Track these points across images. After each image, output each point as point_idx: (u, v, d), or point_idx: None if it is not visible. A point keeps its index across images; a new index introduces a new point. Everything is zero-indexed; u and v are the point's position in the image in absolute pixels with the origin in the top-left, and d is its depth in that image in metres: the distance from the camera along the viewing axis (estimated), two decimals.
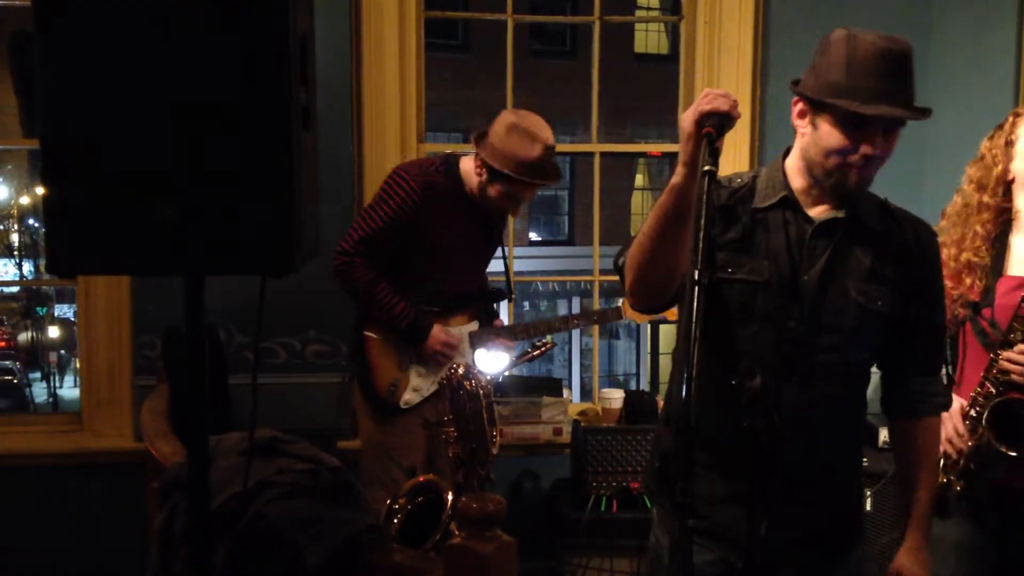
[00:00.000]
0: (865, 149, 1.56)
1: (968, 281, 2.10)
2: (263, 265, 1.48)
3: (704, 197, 1.37)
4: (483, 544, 1.56)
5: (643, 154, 14.68)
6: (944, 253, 2.14)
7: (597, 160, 3.80)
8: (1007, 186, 2.11)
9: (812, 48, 3.49)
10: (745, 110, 3.47)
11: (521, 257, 4.05)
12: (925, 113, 1.60)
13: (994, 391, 2.01)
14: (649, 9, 15.40)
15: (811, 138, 1.63)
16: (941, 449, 2.10)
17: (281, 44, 1.40)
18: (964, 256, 2.11)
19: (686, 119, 1.47)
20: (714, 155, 1.43)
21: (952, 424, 2.07)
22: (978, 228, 2.11)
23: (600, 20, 3.69)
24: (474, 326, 2.97)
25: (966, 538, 2.10)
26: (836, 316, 1.65)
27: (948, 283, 2.10)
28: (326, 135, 3.26)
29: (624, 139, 14.34)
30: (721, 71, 3.48)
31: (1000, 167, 2.11)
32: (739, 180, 1.69)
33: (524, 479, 3.51)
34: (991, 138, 2.16)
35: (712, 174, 1.40)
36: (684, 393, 1.22)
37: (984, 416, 1.99)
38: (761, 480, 1.57)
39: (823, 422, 1.66)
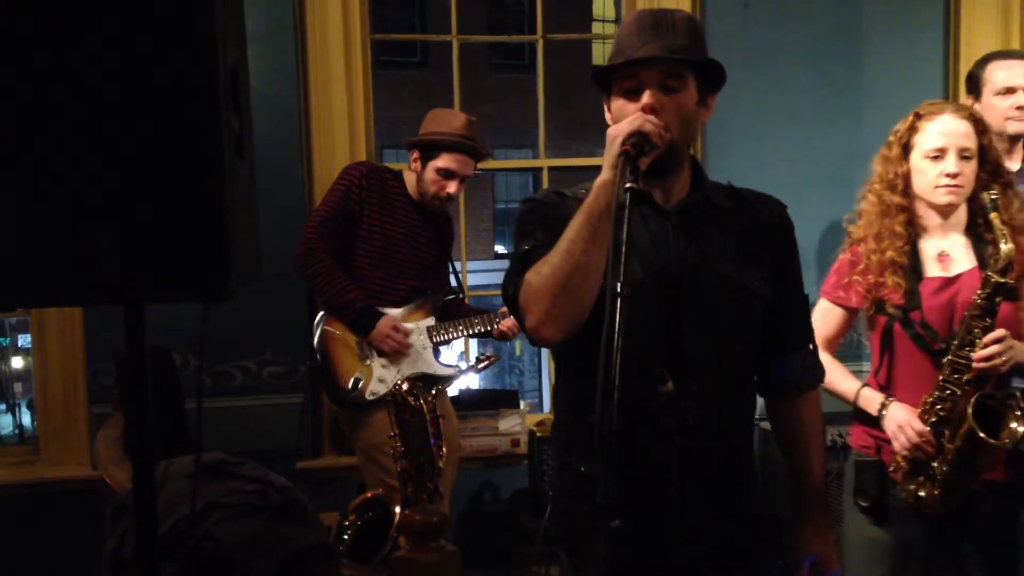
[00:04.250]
0: (644, 99, 1.55)
1: (891, 282, 2.09)
2: (199, 293, 1.50)
3: (626, 214, 1.43)
4: (426, 554, 1.61)
5: (599, 167, 14.75)
6: (861, 249, 2.17)
7: (546, 175, 3.87)
8: (910, 188, 2.14)
9: (749, 57, 3.62)
10: None
11: (487, 271, 4.09)
12: (695, 57, 1.58)
13: (959, 391, 2.02)
14: (604, 21, 15.57)
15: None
16: (904, 455, 2.09)
17: (210, 77, 1.44)
18: (888, 254, 2.10)
19: (615, 131, 1.51)
20: (635, 172, 1.48)
21: (911, 429, 2.06)
22: (897, 227, 2.12)
23: (543, 39, 3.77)
24: (430, 321, 3.02)
25: (901, 540, 2.13)
26: (719, 303, 1.63)
27: (871, 278, 2.13)
28: (275, 156, 3.33)
29: (583, 152, 14.45)
30: None
31: (903, 168, 2.13)
32: (584, 190, 1.60)
33: (484, 491, 3.55)
34: (896, 134, 2.17)
35: (633, 191, 1.45)
36: (604, 399, 1.27)
37: (970, 415, 1.98)
38: (673, 484, 1.60)
39: (726, 416, 1.66)
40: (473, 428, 3.41)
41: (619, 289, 1.34)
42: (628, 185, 1.45)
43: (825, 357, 2.26)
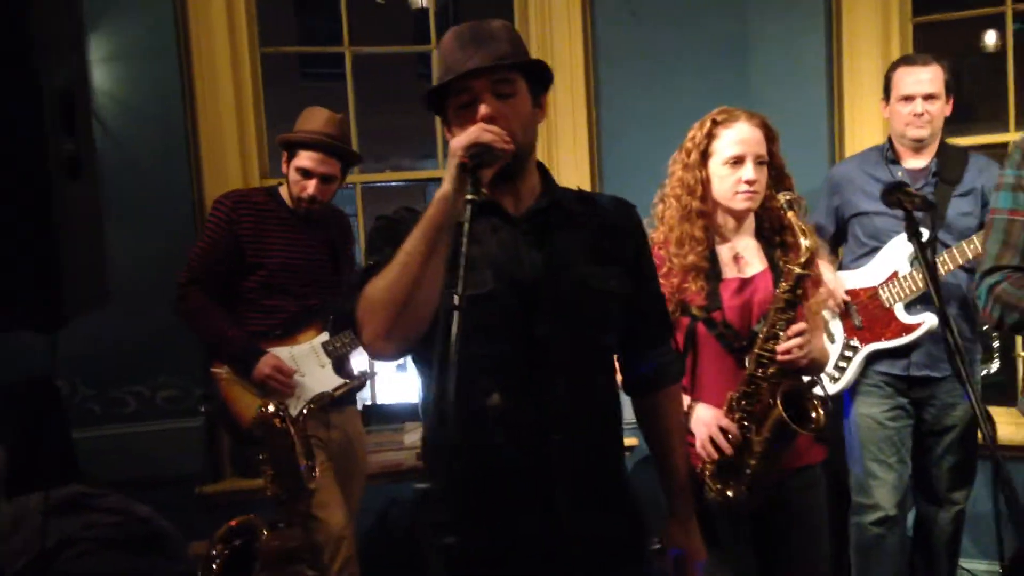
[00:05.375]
0: (481, 110, 1.55)
1: (695, 286, 2.12)
2: (31, 321, 1.46)
3: (466, 226, 1.42)
4: None
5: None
6: (661, 253, 2.18)
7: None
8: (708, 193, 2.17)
9: (638, 65, 3.65)
10: (582, 132, 3.59)
11: None
12: (522, 60, 1.59)
13: (763, 384, 2.05)
14: None
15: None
16: (704, 454, 2.10)
17: (31, 101, 1.39)
18: (690, 259, 2.13)
19: (456, 144, 1.51)
20: (475, 184, 1.48)
21: (717, 425, 2.08)
22: (697, 232, 2.15)
23: (349, 49, 3.83)
24: (324, 336, 2.93)
25: (731, 538, 2.14)
26: (577, 306, 1.63)
27: (675, 281, 2.15)
28: (161, 176, 3.27)
29: None
30: (557, 93, 3.58)
31: (703, 174, 2.16)
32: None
33: (391, 507, 3.51)
34: (693, 140, 2.19)
35: (473, 202, 1.45)
36: (441, 414, 1.26)
37: (779, 406, 2.01)
38: (536, 492, 1.60)
39: (588, 419, 1.66)
40: (378, 444, 3.37)
41: (455, 301, 1.34)
42: (468, 197, 1.44)
43: None
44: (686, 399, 2.14)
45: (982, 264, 2.00)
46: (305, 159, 2.80)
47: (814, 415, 2.03)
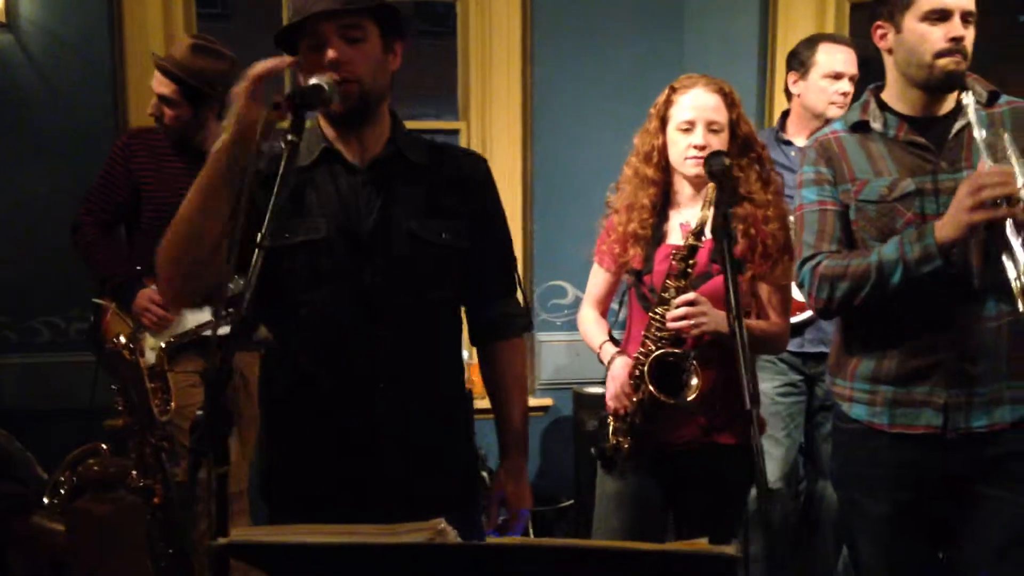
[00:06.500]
0: (328, 54, 1.56)
1: (632, 252, 2.16)
2: None
3: (281, 165, 1.42)
4: (102, 505, 1.60)
5: None
6: (615, 219, 2.23)
7: None
8: (668, 160, 2.19)
9: (575, 31, 3.64)
10: (516, 89, 3.59)
11: None
12: (369, 3, 1.59)
13: (654, 348, 2.07)
14: None
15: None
16: (611, 406, 2.18)
17: None
18: (631, 227, 2.17)
19: (250, 72, 1.52)
20: (297, 127, 1.47)
21: (619, 383, 2.13)
22: (645, 200, 2.17)
23: None
24: None
25: (636, 491, 2.20)
26: (407, 258, 1.65)
27: (616, 248, 2.20)
28: (84, 110, 3.27)
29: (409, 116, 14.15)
30: (493, 51, 3.57)
31: (660, 141, 2.17)
32: (279, 145, 1.53)
33: None
34: (655, 107, 2.20)
35: (293, 144, 1.45)
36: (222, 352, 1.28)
37: (645, 371, 2.04)
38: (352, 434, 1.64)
39: (418, 370, 1.68)
40: None
41: (258, 240, 1.36)
42: (290, 138, 1.45)
43: (591, 314, 2.36)
44: (614, 350, 2.21)
45: (801, 255, 2.04)
46: (153, 79, 2.83)
47: (691, 385, 2.02)
